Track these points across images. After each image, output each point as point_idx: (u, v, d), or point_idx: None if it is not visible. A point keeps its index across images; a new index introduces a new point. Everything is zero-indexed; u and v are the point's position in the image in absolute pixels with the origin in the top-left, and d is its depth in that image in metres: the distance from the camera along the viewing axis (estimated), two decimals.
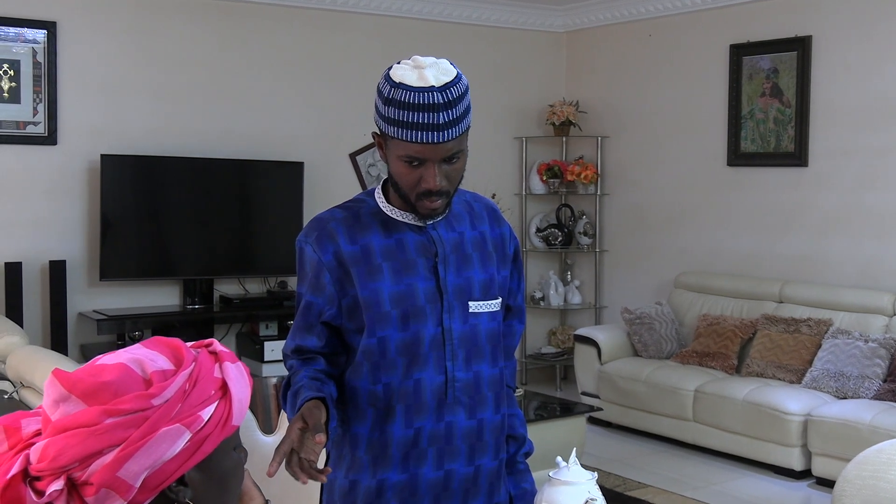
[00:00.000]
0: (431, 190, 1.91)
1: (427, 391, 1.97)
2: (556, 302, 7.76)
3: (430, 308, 1.97)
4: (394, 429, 1.97)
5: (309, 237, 2.01)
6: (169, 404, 1.29)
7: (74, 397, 1.28)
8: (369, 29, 7.12)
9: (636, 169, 7.49)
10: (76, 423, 1.26)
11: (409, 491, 1.99)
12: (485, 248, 2.06)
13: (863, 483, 2.35)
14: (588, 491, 1.81)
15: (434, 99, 1.83)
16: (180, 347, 1.38)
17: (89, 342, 6.09)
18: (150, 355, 1.35)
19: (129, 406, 1.27)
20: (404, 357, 1.96)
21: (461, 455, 2.01)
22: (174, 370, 1.34)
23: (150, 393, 1.29)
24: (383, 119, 1.89)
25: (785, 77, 6.44)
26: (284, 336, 6.46)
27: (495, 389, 2.06)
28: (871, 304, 5.86)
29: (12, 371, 4.38)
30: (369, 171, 7.16)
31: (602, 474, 5.24)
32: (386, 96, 1.86)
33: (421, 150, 1.87)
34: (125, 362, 1.32)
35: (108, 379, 1.29)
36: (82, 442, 1.25)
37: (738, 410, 5.66)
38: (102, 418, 1.26)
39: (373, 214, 2.01)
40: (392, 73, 1.87)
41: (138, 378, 1.31)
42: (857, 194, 6.12)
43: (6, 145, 5.88)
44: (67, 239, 6.07)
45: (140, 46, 6.27)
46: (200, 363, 1.36)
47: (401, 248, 1.99)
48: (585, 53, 7.89)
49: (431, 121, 1.84)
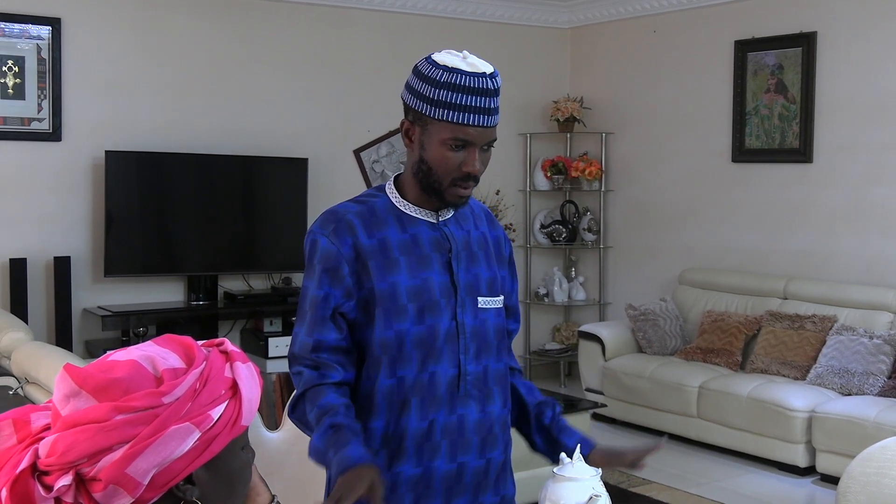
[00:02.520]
0: (471, 173, 1.96)
1: (441, 384, 2.00)
2: (561, 298, 7.76)
3: (444, 302, 2.01)
4: (409, 421, 1.98)
5: (325, 229, 2.01)
6: (179, 402, 1.29)
7: (85, 393, 1.28)
8: (373, 25, 7.11)
9: (640, 165, 7.48)
10: (86, 418, 1.26)
11: (424, 484, 2.00)
12: (487, 247, 2.12)
13: (867, 479, 2.35)
14: (592, 487, 1.82)
15: (487, 84, 1.93)
16: (192, 346, 1.37)
17: (94, 338, 6.10)
18: (162, 353, 1.34)
19: (140, 403, 1.27)
20: (420, 350, 1.99)
21: (473, 447, 2.04)
22: (185, 368, 1.33)
23: (161, 391, 1.29)
24: (428, 101, 1.93)
25: (790, 73, 6.43)
26: (289, 332, 6.45)
27: (500, 384, 2.09)
28: (876, 300, 5.85)
29: (17, 367, 4.38)
30: (373, 167, 7.16)
31: (606, 470, 5.23)
32: (436, 79, 1.92)
33: (471, 133, 1.93)
34: (136, 359, 1.32)
35: (119, 375, 1.29)
36: (92, 438, 1.25)
37: (743, 407, 5.66)
38: (112, 415, 1.26)
39: (387, 209, 2.04)
40: (437, 58, 1.94)
41: (149, 375, 1.31)
42: (862, 190, 6.10)
43: (11, 142, 5.89)
44: (72, 235, 6.07)
45: (144, 43, 6.28)
46: (211, 362, 1.36)
47: (416, 243, 2.02)
48: (590, 49, 7.88)
49: (484, 105, 1.93)
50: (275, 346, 6.33)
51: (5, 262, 5.82)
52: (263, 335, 6.40)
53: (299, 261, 6.73)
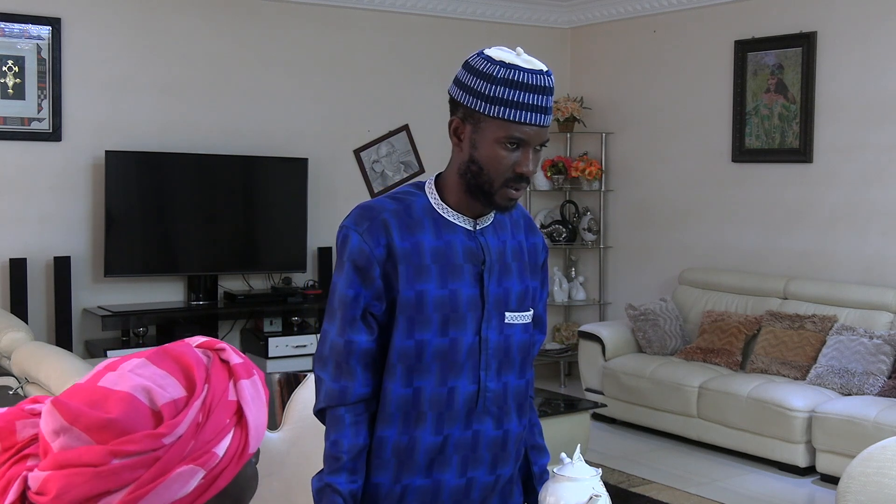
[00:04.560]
0: (525, 174, 1.89)
1: (460, 400, 1.94)
2: (561, 298, 7.76)
3: (470, 316, 1.94)
4: (423, 435, 1.93)
5: (359, 226, 1.92)
6: (181, 441, 1.20)
7: (76, 430, 1.19)
8: (374, 25, 7.12)
9: (640, 165, 7.48)
10: (80, 460, 1.17)
11: (431, 496, 1.97)
12: (522, 258, 2.04)
13: (867, 479, 2.35)
14: (592, 487, 1.81)
15: (545, 82, 1.87)
16: (191, 367, 1.25)
17: (94, 338, 6.11)
18: (159, 380, 1.23)
19: (138, 447, 1.17)
20: (440, 363, 1.93)
21: (484, 464, 1.99)
22: (185, 398, 1.23)
23: (160, 432, 1.19)
24: (483, 98, 1.85)
25: (790, 73, 6.43)
26: (288, 332, 6.46)
27: (518, 400, 2.03)
28: (876, 300, 5.85)
29: (17, 367, 4.38)
30: (373, 167, 7.16)
31: (606, 470, 5.24)
32: (492, 74, 1.84)
33: (527, 132, 1.86)
34: (131, 392, 1.20)
35: (114, 416, 1.18)
36: (88, 482, 1.17)
37: (743, 407, 5.66)
38: (109, 459, 1.17)
39: (424, 211, 1.95)
40: (491, 54, 1.87)
41: (146, 411, 1.20)
42: (862, 190, 6.10)
43: (11, 142, 5.89)
44: (72, 235, 6.08)
45: (144, 42, 6.28)
46: (213, 386, 1.25)
47: (450, 252, 1.94)
48: (590, 50, 7.88)
49: (541, 103, 1.86)
50: (275, 346, 6.33)
51: (5, 262, 5.82)
52: (263, 335, 6.40)
53: (299, 261, 6.76)
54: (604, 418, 6.49)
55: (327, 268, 6.79)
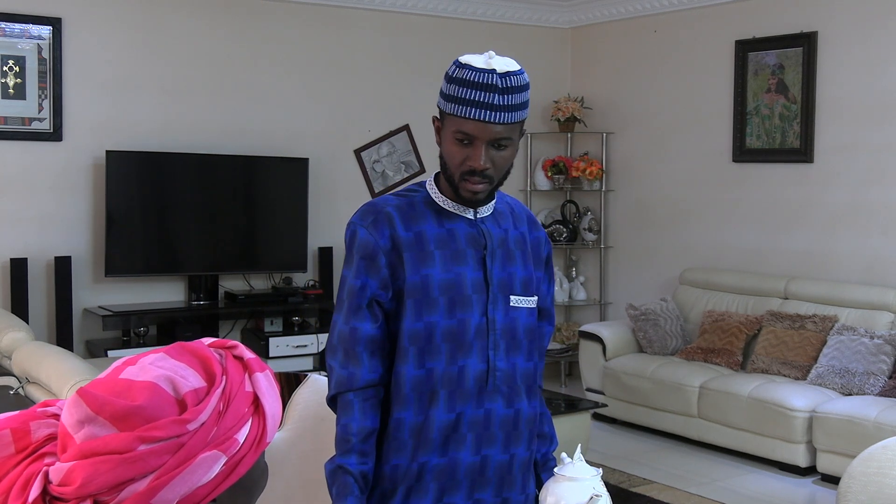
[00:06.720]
0: (476, 169, 1.98)
1: (470, 378, 2.04)
2: (561, 298, 7.76)
3: (476, 298, 2.05)
4: (437, 413, 2.02)
5: (365, 220, 2.06)
6: (204, 428, 1.23)
7: (102, 419, 1.21)
8: (374, 25, 7.12)
9: (641, 165, 7.48)
10: (106, 448, 1.19)
11: (448, 474, 2.04)
12: (525, 247, 2.15)
13: (868, 479, 2.35)
14: (593, 487, 1.81)
15: (492, 80, 1.94)
16: (209, 359, 1.30)
17: (94, 338, 6.11)
18: (180, 370, 1.26)
19: (164, 433, 1.20)
20: (449, 343, 2.03)
21: (497, 442, 2.08)
22: (206, 388, 1.27)
23: (185, 418, 1.22)
24: (444, 97, 2.00)
25: (790, 73, 6.43)
26: (289, 332, 6.47)
27: (528, 382, 2.13)
28: (876, 300, 5.85)
29: (18, 367, 4.39)
30: (374, 167, 7.16)
31: (607, 470, 5.24)
32: (450, 75, 1.99)
33: (472, 128, 1.96)
34: (154, 381, 1.24)
35: (140, 403, 1.21)
36: (113, 469, 1.19)
37: (743, 407, 5.66)
38: (136, 444, 1.19)
39: (426, 204, 2.09)
40: (461, 58, 2.00)
41: (170, 399, 1.23)
42: (863, 190, 6.10)
43: (11, 141, 5.89)
44: (73, 235, 6.08)
45: (145, 42, 6.28)
46: (231, 378, 1.29)
47: (452, 238, 2.06)
48: (590, 49, 7.88)
49: (486, 100, 1.94)
50: (275, 346, 6.33)
51: (6, 262, 5.82)
52: (264, 335, 6.40)
53: (300, 261, 6.76)
54: (604, 418, 6.49)
55: (328, 268, 6.80)
